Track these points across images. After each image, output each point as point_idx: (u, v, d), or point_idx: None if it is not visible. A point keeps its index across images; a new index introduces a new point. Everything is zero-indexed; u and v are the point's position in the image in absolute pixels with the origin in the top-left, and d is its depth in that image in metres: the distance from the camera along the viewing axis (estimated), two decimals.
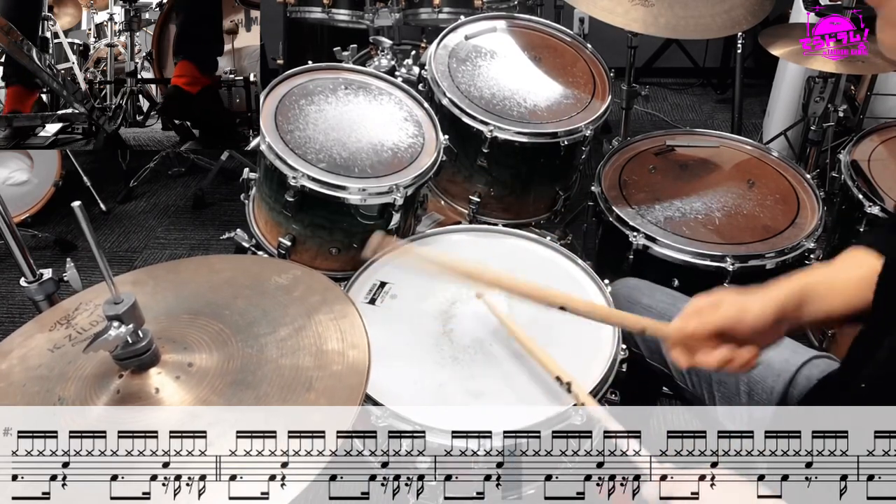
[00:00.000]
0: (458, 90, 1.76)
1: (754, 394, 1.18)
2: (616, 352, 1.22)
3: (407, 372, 1.20)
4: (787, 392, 1.16)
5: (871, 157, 1.91)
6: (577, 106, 1.82)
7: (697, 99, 3.66)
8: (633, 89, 2.34)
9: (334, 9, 2.54)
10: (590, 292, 1.37)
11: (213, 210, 2.98)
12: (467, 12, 2.17)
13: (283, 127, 1.54)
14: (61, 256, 2.62)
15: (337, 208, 1.49)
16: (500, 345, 1.25)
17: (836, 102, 2.24)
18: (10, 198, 2.62)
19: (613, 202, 1.74)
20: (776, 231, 1.68)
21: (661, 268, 1.61)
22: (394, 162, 1.55)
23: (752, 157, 1.93)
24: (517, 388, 1.18)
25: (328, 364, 0.91)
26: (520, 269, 1.43)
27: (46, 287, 1.27)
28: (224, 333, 0.95)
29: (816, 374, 1.15)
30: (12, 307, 2.50)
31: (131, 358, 0.87)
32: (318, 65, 1.70)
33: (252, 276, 1.08)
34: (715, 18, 1.86)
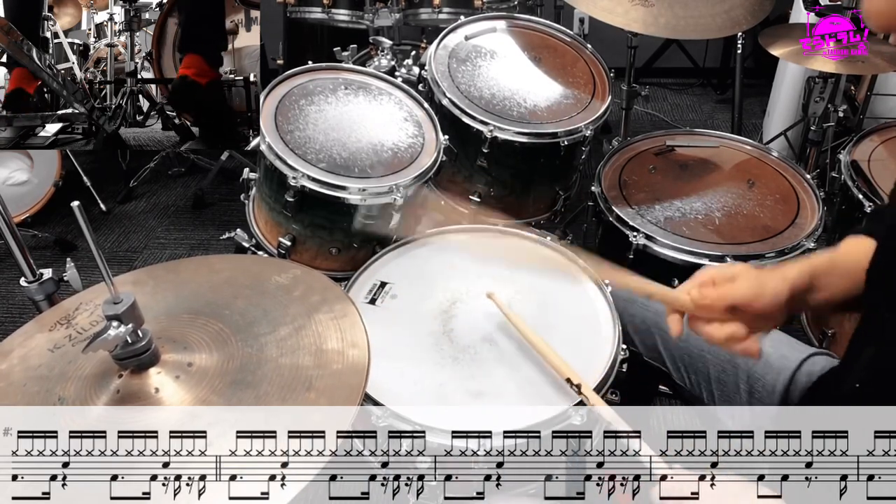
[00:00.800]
0: (458, 90, 1.76)
1: (755, 391, 1.18)
2: (616, 352, 1.22)
3: (407, 372, 1.20)
4: (789, 390, 1.16)
5: (871, 157, 1.91)
6: (577, 106, 1.82)
7: (697, 99, 3.66)
8: (633, 89, 2.34)
9: (334, 9, 2.54)
10: (590, 292, 1.37)
11: (213, 210, 2.98)
12: (467, 12, 2.17)
13: (283, 127, 1.54)
14: (61, 256, 2.62)
15: (337, 208, 1.49)
16: (500, 345, 1.25)
17: (836, 102, 2.24)
18: (10, 198, 2.62)
19: (613, 202, 1.74)
20: (776, 231, 1.68)
21: (661, 268, 1.61)
22: (394, 162, 1.55)
23: (752, 158, 1.93)
24: (517, 388, 1.18)
25: (328, 363, 0.91)
26: (520, 269, 1.43)
27: (46, 287, 1.27)
28: (224, 333, 0.95)
29: (817, 372, 1.15)
30: (12, 307, 2.50)
31: (131, 358, 0.87)
32: (318, 65, 1.70)
33: (252, 275, 1.08)
34: (715, 18, 1.86)
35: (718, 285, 0.97)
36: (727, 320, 0.96)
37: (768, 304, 0.95)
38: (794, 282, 0.96)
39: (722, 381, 1.22)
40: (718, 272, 0.99)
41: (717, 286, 0.97)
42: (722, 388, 1.22)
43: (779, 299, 0.95)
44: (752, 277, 0.97)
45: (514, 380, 1.19)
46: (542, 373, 1.18)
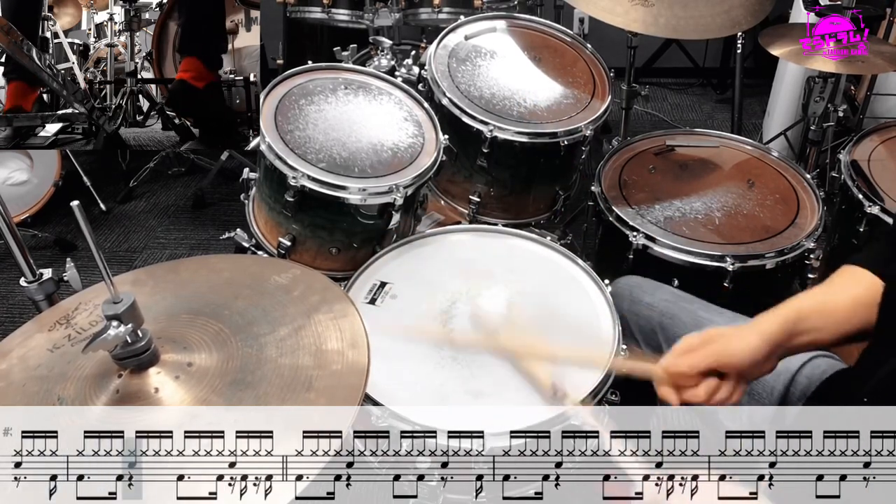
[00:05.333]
0: (458, 90, 1.76)
1: (754, 393, 1.18)
2: (616, 352, 1.22)
3: (407, 372, 1.20)
4: (788, 392, 1.15)
5: (871, 157, 1.91)
6: (577, 106, 1.82)
7: (697, 99, 3.66)
8: (633, 89, 2.34)
9: (334, 9, 2.54)
10: (590, 292, 1.37)
11: (213, 210, 2.98)
12: (467, 12, 2.17)
13: (283, 127, 1.54)
14: (61, 256, 2.62)
15: (337, 208, 1.49)
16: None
17: (836, 102, 2.23)
18: (10, 198, 2.62)
19: (613, 202, 1.74)
20: (776, 231, 1.68)
21: (661, 268, 1.61)
22: (394, 162, 1.55)
23: (752, 157, 1.93)
24: (517, 389, 1.18)
25: (328, 364, 0.91)
26: (520, 269, 1.43)
27: (46, 287, 1.27)
28: (224, 333, 0.95)
29: (818, 374, 1.15)
30: (12, 307, 2.50)
31: (130, 358, 0.87)
32: (318, 65, 1.70)
33: (252, 275, 1.08)
34: (715, 18, 1.86)
35: (693, 352, 0.99)
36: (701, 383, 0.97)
37: (745, 362, 0.96)
38: (773, 336, 0.97)
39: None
40: (696, 339, 1.00)
41: (691, 353, 0.99)
42: None
43: (754, 356, 0.96)
44: (724, 340, 0.98)
45: (513, 380, 1.19)
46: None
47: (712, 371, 0.98)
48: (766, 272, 1.60)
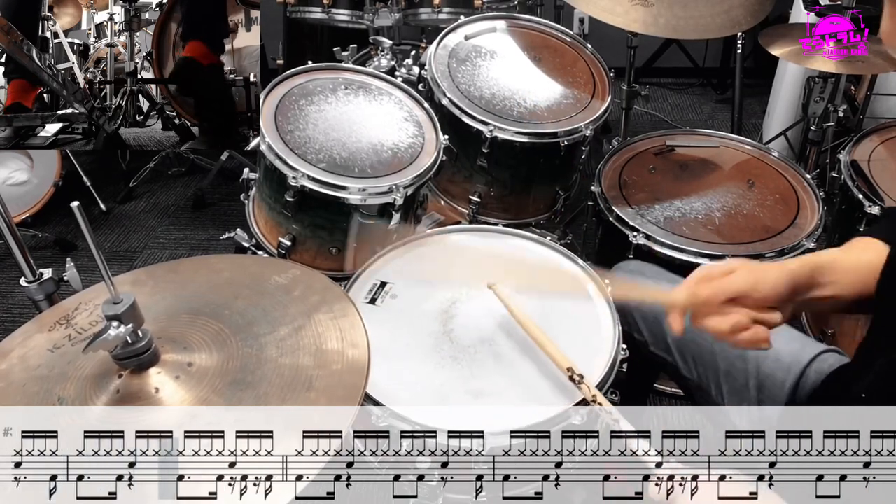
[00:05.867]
0: (458, 90, 1.76)
1: (764, 388, 1.16)
2: (616, 352, 1.22)
3: (407, 372, 1.20)
4: (798, 387, 1.14)
5: (871, 157, 1.91)
6: (577, 106, 1.82)
7: (697, 99, 3.66)
8: (633, 89, 2.34)
9: (334, 9, 2.54)
10: (590, 292, 1.37)
11: (213, 210, 2.97)
12: (467, 12, 2.17)
13: (283, 127, 1.54)
14: (61, 256, 2.62)
15: (337, 208, 1.49)
16: (500, 344, 1.25)
17: (836, 102, 2.23)
18: (10, 198, 2.62)
19: (613, 202, 1.74)
20: (776, 231, 1.68)
21: (661, 267, 1.60)
22: (394, 162, 1.55)
23: (752, 157, 1.93)
24: (517, 388, 1.18)
25: (328, 363, 0.91)
26: (520, 269, 1.43)
27: (46, 287, 1.27)
28: (224, 333, 0.95)
29: (826, 370, 1.14)
30: (12, 307, 2.50)
31: (131, 358, 0.87)
32: (318, 65, 1.71)
33: (252, 275, 1.08)
34: (715, 18, 1.86)
35: (716, 280, 0.96)
36: (728, 313, 0.94)
37: (768, 293, 0.93)
38: (795, 272, 0.95)
39: (731, 375, 1.19)
40: (716, 267, 0.98)
41: (714, 281, 0.96)
42: (731, 382, 1.19)
43: (778, 289, 0.93)
44: (750, 269, 0.96)
45: (514, 379, 1.19)
46: (542, 372, 1.18)
47: (736, 303, 0.94)
48: None
